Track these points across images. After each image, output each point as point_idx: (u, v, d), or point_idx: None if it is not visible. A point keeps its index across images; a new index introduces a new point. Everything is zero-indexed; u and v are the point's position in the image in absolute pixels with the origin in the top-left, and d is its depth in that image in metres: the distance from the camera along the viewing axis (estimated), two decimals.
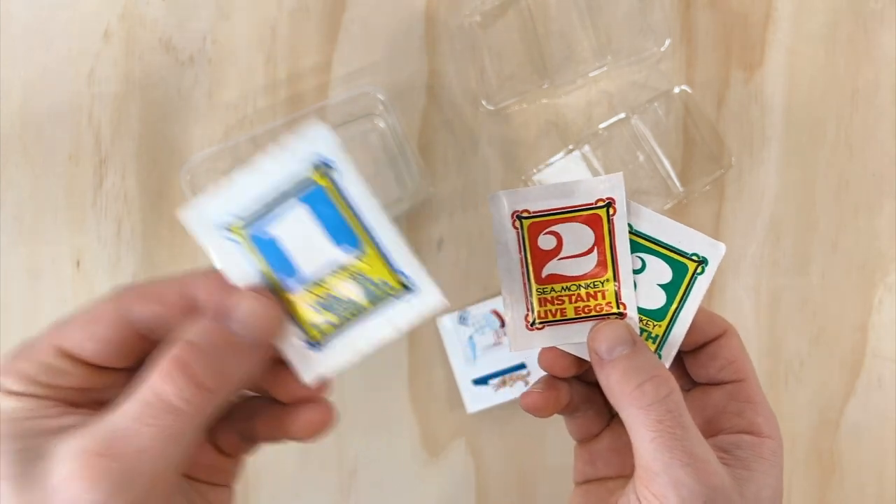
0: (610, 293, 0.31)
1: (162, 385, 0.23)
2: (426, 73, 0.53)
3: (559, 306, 0.31)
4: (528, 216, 0.30)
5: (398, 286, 0.27)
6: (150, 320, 0.26)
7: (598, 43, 0.52)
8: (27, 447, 0.23)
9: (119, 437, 0.23)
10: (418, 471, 0.53)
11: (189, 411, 0.24)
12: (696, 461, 0.26)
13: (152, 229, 0.53)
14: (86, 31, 0.52)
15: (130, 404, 0.24)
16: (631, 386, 0.27)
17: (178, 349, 0.24)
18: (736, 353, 0.32)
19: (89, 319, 0.26)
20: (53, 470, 0.23)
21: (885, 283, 0.53)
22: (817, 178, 0.53)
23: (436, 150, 0.53)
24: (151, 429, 0.23)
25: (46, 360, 0.26)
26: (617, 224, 0.30)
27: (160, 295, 0.26)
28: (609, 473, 0.33)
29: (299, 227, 0.26)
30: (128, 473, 0.23)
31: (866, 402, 0.53)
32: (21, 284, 0.52)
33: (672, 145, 0.52)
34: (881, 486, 0.53)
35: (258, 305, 0.26)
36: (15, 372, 0.25)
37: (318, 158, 0.26)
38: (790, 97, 0.53)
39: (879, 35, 0.53)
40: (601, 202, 0.30)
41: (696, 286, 0.31)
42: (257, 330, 0.25)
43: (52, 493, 0.22)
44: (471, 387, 0.52)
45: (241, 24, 0.53)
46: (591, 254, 0.30)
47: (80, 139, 0.52)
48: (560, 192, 0.30)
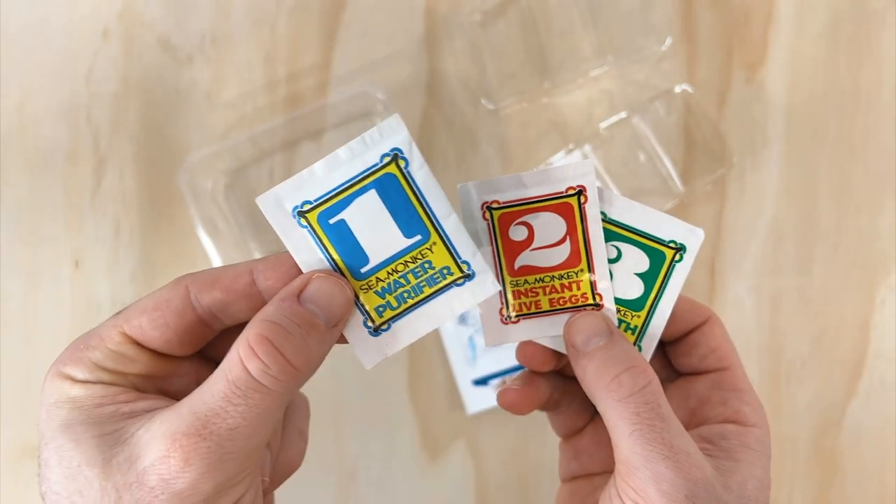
0: (585, 284, 0.30)
1: (249, 362, 0.23)
2: (426, 72, 0.52)
3: (533, 298, 0.30)
4: (497, 207, 0.29)
5: (458, 273, 0.27)
6: (213, 307, 0.26)
7: (599, 42, 0.51)
8: (106, 432, 0.24)
9: (209, 417, 0.23)
10: (418, 471, 0.53)
11: (276, 389, 0.24)
12: (677, 453, 0.25)
13: (151, 229, 0.52)
14: (84, 31, 0.52)
15: (217, 384, 0.23)
16: (607, 378, 0.27)
17: (260, 328, 0.24)
18: (719, 340, 0.31)
19: (154, 307, 0.26)
20: (142, 453, 0.23)
21: (886, 282, 0.53)
22: (819, 178, 0.53)
23: (436, 149, 0.52)
24: (240, 407, 0.23)
25: (112, 347, 0.26)
26: (589, 212, 0.29)
27: (223, 281, 0.26)
28: (594, 469, 0.32)
29: (369, 213, 0.26)
30: (219, 452, 0.23)
31: (868, 402, 0.53)
32: (19, 284, 0.52)
33: (673, 145, 0.52)
34: (883, 487, 0.53)
35: (331, 285, 0.26)
36: (82, 360, 0.25)
37: (389, 148, 0.27)
38: (792, 97, 0.53)
39: (881, 35, 0.53)
40: (571, 190, 0.29)
41: (674, 274, 0.30)
42: (331, 309, 0.25)
43: (143, 475, 0.23)
44: (471, 387, 0.51)
45: (240, 24, 0.52)
46: (564, 244, 0.30)
47: (79, 139, 0.52)
48: (529, 181, 0.29)
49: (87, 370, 0.25)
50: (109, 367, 0.26)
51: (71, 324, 0.52)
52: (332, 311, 0.25)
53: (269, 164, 0.52)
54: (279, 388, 0.24)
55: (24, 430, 0.52)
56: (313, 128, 0.52)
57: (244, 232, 0.53)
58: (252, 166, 0.52)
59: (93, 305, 0.52)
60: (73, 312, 0.52)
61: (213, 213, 0.51)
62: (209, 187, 0.52)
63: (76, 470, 0.23)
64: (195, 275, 0.27)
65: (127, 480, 0.23)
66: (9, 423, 0.52)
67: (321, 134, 0.52)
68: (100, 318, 0.52)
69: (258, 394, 0.23)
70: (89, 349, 0.26)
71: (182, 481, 0.23)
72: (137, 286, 0.52)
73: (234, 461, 0.23)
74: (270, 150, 0.52)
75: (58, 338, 0.52)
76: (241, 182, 0.53)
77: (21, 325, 0.52)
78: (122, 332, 0.26)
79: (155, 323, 0.26)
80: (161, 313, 0.26)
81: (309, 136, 0.52)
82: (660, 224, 0.30)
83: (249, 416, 0.23)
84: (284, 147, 0.52)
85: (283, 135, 0.52)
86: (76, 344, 0.26)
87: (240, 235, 0.52)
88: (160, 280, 0.52)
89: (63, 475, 0.23)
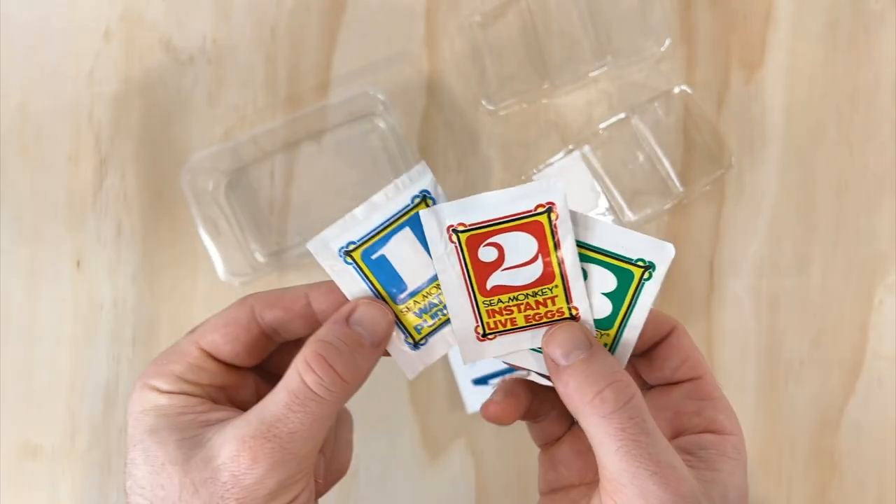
0: (560, 299, 0.30)
1: (306, 376, 0.27)
2: (426, 73, 0.53)
3: (508, 316, 0.30)
4: (463, 229, 0.29)
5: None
6: (274, 323, 0.30)
7: (598, 43, 0.52)
8: (186, 437, 0.27)
9: (272, 422, 0.27)
10: (418, 471, 0.53)
11: (329, 399, 0.27)
12: (664, 469, 0.26)
13: (152, 229, 0.53)
14: (85, 31, 0.52)
15: (279, 395, 0.27)
16: (590, 395, 0.27)
17: (316, 346, 0.28)
18: (688, 350, 0.31)
19: (224, 323, 0.30)
20: (217, 454, 0.27)
21: (885, 283, 0.53)
22: (817, 179, 0.53)
23: (436, 150, 0.53)
24: (299, 414, 0.27)
25: (191, 361, 0.30)
26: (561, 229, 0.29)
27: (283, 302, 0.30)
28: (572, 480, 0.32)
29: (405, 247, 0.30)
30: (282, 452, 0.26)
31: (866, 402, 0.53)
32: (21, 284, 0.52)
33: (672, 145, 0.52)
34: (882, 487, 0.53)
35: (375, 310, 0.30)
36: (165, 374, 0.29)
37: (418, 190, 0.30)
38: (790, 97, 0.53)
39: (880, 35, 0.53)
40: (541, 208, 0.29)
41: (643, 292, 0.29)
42: (376, 331, 0.29)
43: (217, 472, 0.26)
44: (471, 387, 0.52)
45: (241, 24, 0.53)
46: (536, 262, 0.29)
47: (80, 139, 0.52)
48: (495, 201, 0.29)
49: (171, 382, 0.29)
50: (189, 378, 0.29)
51: (72, 324, 0.53)
52: (376, 333, 0.29)
53: (269, 164, 0.53)
54: (332, 398, 0.28)
55: (24, 430, 0.53)
56: (314, 128, 0.52)
57: (245, 232, 0.53)
58: (253, 167, 0.53)
59: (94, 305, 0.53)
60: (75, 312, 0.53)
61: (214, 213, 0.51)
62: (210, 187, 0.52)
63: (160, 467, 0.27)
64: (259, 295, 0.31)
65: (203, 476, 0.26)
66: (9, 423, 0.53)
67: (322, 134, 0.53)
68: (101, 318, 0.53)
69: (314, 402, 0.27)
70: (171, 363, 0.29)
71: (250, 477, 0.26)
72: (139, 286, 0.53)
73: (293, 461, 0.27)
74: (271, 150, 0.52)
75: (59, 338, 0.53)
76: (242, 182, 0.53)
77: (22, 324, 0.53)
78: (199, 347, 0.30)
79: (227, 338, 0.30)
80: (232, 329, 0.30)
81: (309, 136, 0.52)
82: (627, 243, 0.29)
83: (307, 421, 0.27)
84: (285, 147, 0.52)
85: (284, 135, 0.52)
86: (160, 360, 0.30)
87: (241, 235, 0.53)
88: (161, 280, 0.53)
89: (148, 472, 0.27)
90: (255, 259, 0.53)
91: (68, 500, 0.53)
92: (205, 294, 0.53)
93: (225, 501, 0.26)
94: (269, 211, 0.53)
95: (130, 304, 0.53)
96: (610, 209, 0.52)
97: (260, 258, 0.53)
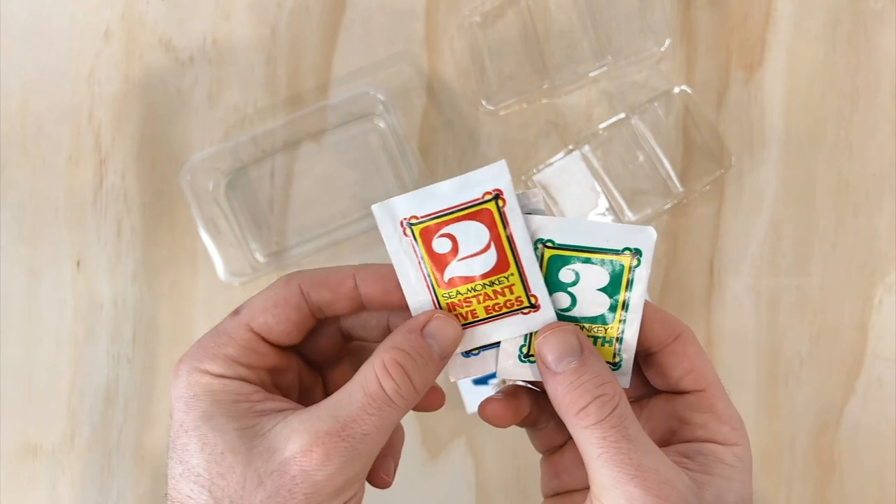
0: (518, 287, 0.30)
1: (385, 382, 0.28)
2: (426, 73, 0.53)
3: (468, 308, 0.30)
4: (416, 222, 0.30)
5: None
6: (321, 303, 0.30)
7: (598, 43, 0.52)
8: (245, 426, 0.27)
9: (347, 422, 0.27)
10: (418, 471, 0.53)
11: (401, 406, 0.28)
12: (644, 472, 0.26)
13: (152, 229, 0.53)
14: (86, 31, 0.52)
15: (356, 395, 0.27)
16: (575, 408, 0.28)
17: (395, 354, 0.28)
18: (693, 361, 0.30)
19: (274, 304, 0.30)
20: (281, 446, 0.26)
21: (884, 283, 0.53)
22: (817, 178, 0.53)
23: (436, 150, 0.53)
24: (374, 417, 0.27)
25: (243, 343, 0.29)
26: (510, 215, 0.29)
27: (330, 283, 0.30)
28: (574, 486, 0.32)
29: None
30: (354, 452, 0.27)
31: (866, 402, 0.53)
32: (21, 284, 0.52)
33: (672, 145, 0.52)
34: (881, 487, 0.53)
35: (447, 324, 0.30)
36: (217, 356, 0.29)
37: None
38: (790, 97, 0.53)
39: (879, 35, 0.53)
40: (488, 195, 0.29)
41: (637, 279, 0.30)
42: (446, 344, 0.30)
43: (285, 465, 0.26)
44: (471, 387, 0.52)
45: (241, 24, 0.53)
46: (489, 250, 0.30)
47: (80, 139, 0.52)
48: (444, 191, 0.29)
49: (224, 365, 0.29)
50: (243, 361, 0.29)
51: (73, 323, 0.53)
52: (445, 346, 0.30)
53: (269, 164, 0.53)
54: (404, 405, 0.28)
55: (24, 430, 0.53)
56: (314, 128, 0.52)
57: (245, 232, 0.53)
58: (253, 167, 0.53)
59: (94, 305, 0.53)
60: (75, 312, 0.53)
61: (214, 213, 0.51)
62: (210, 187, 0.52)
63: (220, 457, 0.27)
64: (304, 273, 0.30)
65: (269, 468, 0.26)
66: (9, 423, 0.53)
67: (322, 135, 0.53)
68: (101, 318, 0.53)
69: (389, 408, 0.28)
70: (222, 346, 0.29)
71: (322, 473, 0.26)
72: (139, 286, 0.53)
73: (360, 462, 0.27)
74: (271, 150, 0.52)
75: (59, 338, 0.53)
76: (242, 182, 0.53)
77: (22, 324, 0.53)
78: (250, 329, 0.29)
79: (279, 318, 0.29)
80: (283, 309, 0.29)
81: (310, 136, 0.52)
82: (608, 235, 0.30)
83: (379, 425, 0.27)
84: (285, 147, 0.52)
85: (284, 135, 0.52)
86: (205, 342, 0.29)
87: (241, 235, 0.53)
88: (161, 280, 0.53)
89: (206, 460, 0.27)
90: (255, 259, 0.53)
91: (68, 500, 0.53)
92: (205, 294, 0.53)
93: (293, 496, 0.26)
94: (269, 211, 0.53)
95: (130, 304, 0.53)
96: (610, 209, 0.52)
97: (260, 258, 0.53)
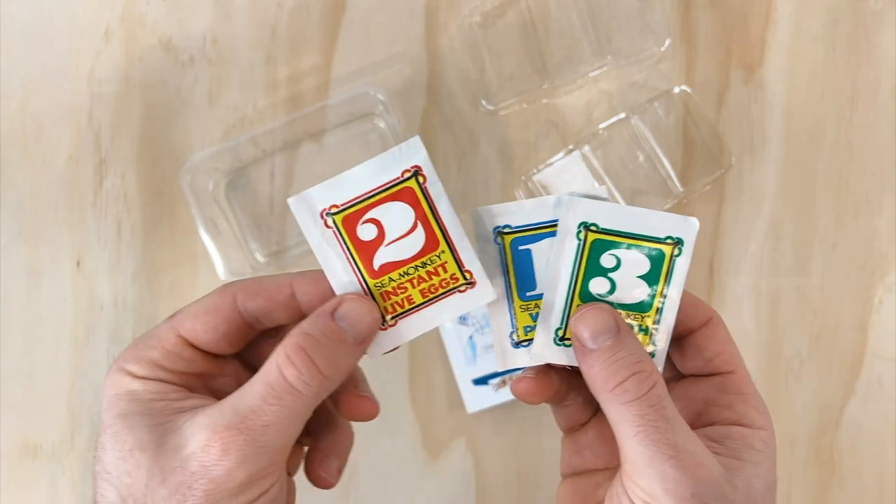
0: (451, 265, 0.29)
1: (285, 369, 0.27)
2: (426, 73, 0.53)
3: (404, 295, 0.29)
4: (337, 210, 0.29)
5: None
6: (257, 312, 0.30)
7: (598, 43, 0.52)
8: (158, 423, 0.27)
9: (247, 414, 0.26)
10: (418, 471, 0.53)
11: (307, 394, 0.27)
12: (681, 453, 0.26)
13: (152, 229, 0.53)
14: (86, 31, 0.52)
15: (256, 386, 0.27)
16: (612, 383, 0.27)
17: (298, 338, 0.27)
18: (723, 343, 0.31)
19: (205, 311, 0.29)
20: (187, 442, 0.26)
21: (884, 283, 0.53)
22: (817, 178, 0.53)
23: (436, 150, 0.53)
24: (274, 407, 0.26)
25: (169, 348, 0.29)
26: (432, 191, 0.29)
27: (266, 291, 0.30)
28: (597, 465, 0.32)
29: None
30: (254, 445, 0.26)
31: (866, 402, 0.53)
32: (21, 284, 0.52)
33: (672, 145, 0.52)
34: (881, 487, 0.53)
35: (360, 306, 0.29)
36: (142, 359, 0.29)
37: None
38: (790, 97, 0.53)
39: (879, 35, 0.53)
40: (407, 173, 0.29)
41: (676, 269, 0.29)
42: (360, 327, 0.28)
43: (186, 461, 0.26)
44: (471, 387, 0.52)
45: (241, 24, 0.53)
46: (417, 230, 0.29)
47: (80, 139, 0.52)
48: (360, 175, 0.29)
49: (146, 368, 0.28)
50: (166, 365, 0.29)
51: (73, 324, 0.53)
52: (359, 329, 0.28)
53: (269, 164, 0.53)
54: (309, 392, 0.27)
55: (24, 430, 0.53)
56: (314, 128, 0.52)
57: (245, 232, 0.53)
58: (253, 167, 0.53)
59: (94, 305, 0.53)
60: (75, 312, 0.53)
61: (214, 213, 0.51)
62: (210, 187, 0.52)
63: (128, 454, 0.26)
64: (241, 283, 0.30)
65: (172, 465, 0.26)
66: (9, 423, 0.53)
67: (322, 134, 0.53)
68: (102, 318, 0.53)
69: (290, 396, 0.26)
70: (148, 349, 0.29)
71: (219, 468, 0.25)
72: (139, 286, 0.53)
73: (265, 455, 0.26)
74: (271, 150, 0.52)
75: (59, 338, 0.53)
76: (242, 182, 0.53)
77: (22, 324, 0.53)
78: (177, 335, 0.29)
79: (206, 326, 0.29)
80: (212, 317, 0.29)
81: (310, 136, 0.52)
82: (652, 222, 0.29)
83: (281, 414, 0.26)
84: (285, 147, 0.52)
85: (284, 135, 0.52)
86: (136, 343, 0.29)
87: (241, 235, 0.53)
88: (161, 280, 0.53)
89: (116, 457, 0.26)
90: (255, 259, 0.53)
91: (68, 500, 0.53)
92: (205, 294, 0.53)
93: (192, 492, 0.25)
94: (269, 211, 0.53)
95: (130, 304, 0.53)
96: None
97: (260, 258, 0.53)
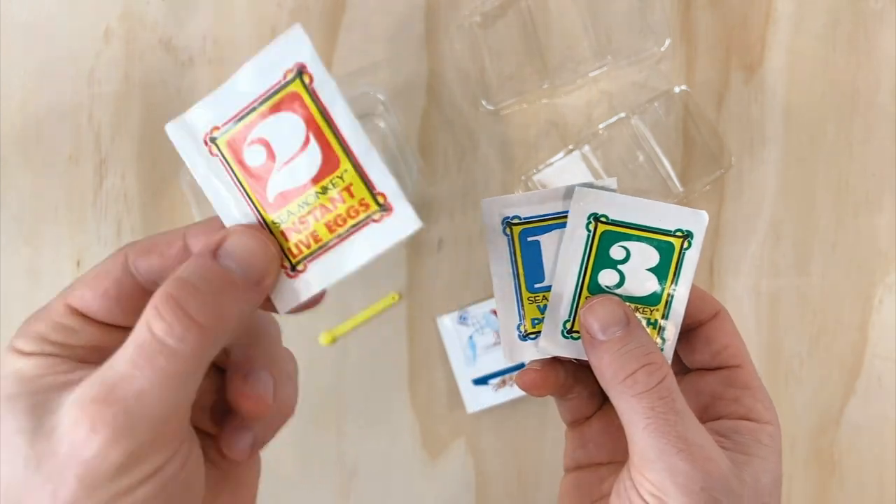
0: (358, 187, 0.24)
1: (153, 323, 0.22)
2: (426, 73, 0.53)
3: (308, 231, 0.24)
4: (219, 133, 0.24)
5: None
6: (151, 273, 0.26)
7: (598, 43, 0.52)
8: (38, 402, 0.23)
9: (116, 382, 0.22)
10: (418, 471, 0.53)
11: (184, 351, 0.22)
12: (691, 447, 0.26)
13: (152, 229, 0.53)
14: (86, 32, 0.52)
15: (125, 349, 0.23)
16: (622, 375, 0.27)
17: (167, 286, 0.23)
18: (730, 337, 0.31)
19: (94, 276, 0.26)
20: (60, 421, 0.22)
21: (884, 282, 0.53)
22: (817, 178, 0.53)
23: (436, 150, 0.53)
24: (146, 371, 0.22)
25: (57, 319, 0.25)
26: (322, 92, 0.23)
27: (160, 247, 0.26)
28: (601, 458, 0.32)
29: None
30: (127, 418, 0.22)
31: (866, 402, 0.53)
32: (21, 284, 0.52)
33: (672, 145, 0.52)
34: (881, 487, 0.53)
35: (251, 238, 0.24)
36: (28, 333, 0.25)
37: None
38: (790, 97, 0.53)
39: (879, 35, 0.53)
40: (290, 73, 0.24)
41: (685, 262, 0.29)
42: (252, 264, 0.24)
43: (58, 443, 0.22)
44: (471, 387, 0.52)
45: (241, 24, 0.53)
46: (310, 145, 0.24)
47: (81, 139, 0.52)
48: (241, 86, 0.24)
49: (33, 342, 0.25)
50: (53, 338, 0.25)
51: None
52: (252, 265, 0.24)
53: None
54: (185, 348, 0.22)
55: None
56: None
57: None
58: None
59: None
60: None
61: (214, 213, 0.51)
62: None
63: (10, 439, 0.23)
64: (134, 243, 0.26)
65: (47, 449, 0.22)
66: None
67: None
68: None
69: (163, 356, 0.22)
70: (36, 322, 0.25)
71: (89, 449, 0.22)
72: None
73: (143, 428, 0.22)
74: None
75: None
76: None
77: None
78: (66, 304, 0.26)
79: (96, 292, 0.25)
80: (101, 282, 0.26)
81: None
82: (662, 215, 0.29)
83: (156, 379, 0.22)
84: None
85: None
86: (27, 319, 0.26)
87: None
88: None
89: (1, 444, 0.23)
90: None
91: None
92: None
93: (64, 479, 0.22)
94: None
95: None
96: None
97: None
